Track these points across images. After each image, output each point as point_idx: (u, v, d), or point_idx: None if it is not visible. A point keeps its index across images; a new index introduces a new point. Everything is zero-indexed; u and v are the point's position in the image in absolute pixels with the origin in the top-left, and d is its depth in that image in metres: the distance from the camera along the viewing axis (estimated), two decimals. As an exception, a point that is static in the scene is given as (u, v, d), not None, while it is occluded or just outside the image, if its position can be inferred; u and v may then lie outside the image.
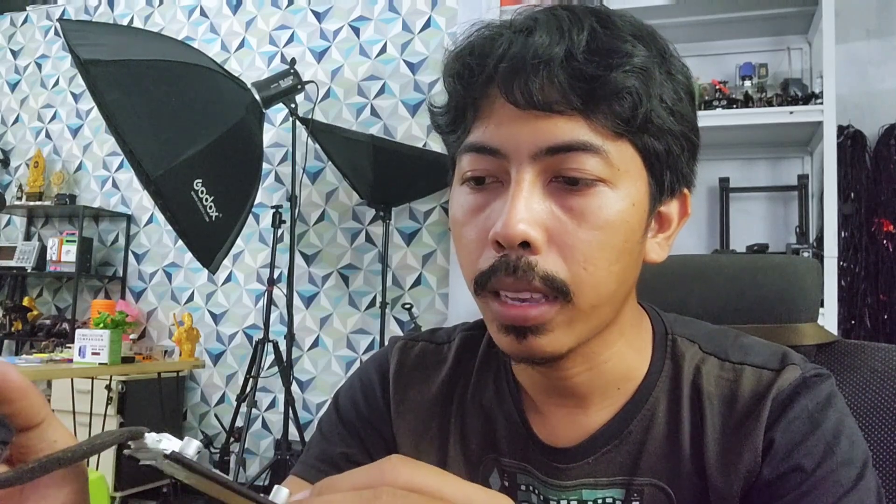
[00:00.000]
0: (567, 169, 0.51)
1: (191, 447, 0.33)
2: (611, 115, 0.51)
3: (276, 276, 3.09)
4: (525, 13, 0.54)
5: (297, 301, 3.34)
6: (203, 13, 3.82)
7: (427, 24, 3.38)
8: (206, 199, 2.48)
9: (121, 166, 3.86)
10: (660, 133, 0.53)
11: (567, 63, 0.50)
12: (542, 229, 0.51)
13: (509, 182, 0.52)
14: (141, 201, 3.83)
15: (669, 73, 0.54)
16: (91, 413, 2.89)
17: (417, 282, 3.26)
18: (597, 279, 0.52)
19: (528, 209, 0.50)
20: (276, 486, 0.33)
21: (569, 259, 0.51)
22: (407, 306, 3.15)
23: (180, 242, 3.40)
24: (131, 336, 3.48)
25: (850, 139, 2.52)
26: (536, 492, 0.60)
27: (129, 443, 0.33)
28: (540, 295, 0.51)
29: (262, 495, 0.32)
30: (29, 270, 3.84)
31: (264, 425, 3.46)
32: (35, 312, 3.82)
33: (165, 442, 0.33)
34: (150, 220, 3.82)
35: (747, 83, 2.48)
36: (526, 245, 0.50)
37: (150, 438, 0.33)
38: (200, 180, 2.45)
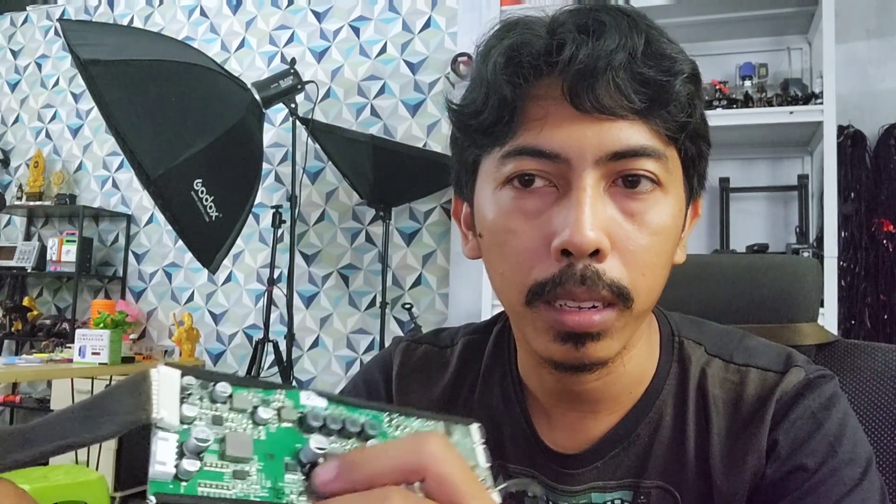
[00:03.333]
0: (632, 172, 0.51)
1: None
2: (669, 121, 0.51)
3: (276, 276, 3.09)
4: (578, 12, 0.53)
5: (297, 301, 3.34)
6: (203, 13, 3.82)
7: (427, 24, 3.38)
8: (206, 199, 2.48)
9: (121, 166, 3.86)
10: (697, 138, 0.54)
11: (630, 67, 0.49)
12: (607, 235, 0.50)
13: (567, 188, 0.51)
14: (141, 201, 3.83)
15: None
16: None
17: (417, 282, 3.26)
18: (652, 284, 0.52)
19: (595, 216, 0.49)
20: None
21: (630, 265, 0.51)
22: (407, 306, 3.15)
23: (180, 242, 3.40)
24: (131, 336, 3.48)
25: (850, 139, 2.52)
26: (544, 497, 0.60)
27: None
28: (595, 302, 0.50)
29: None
30: (29, 270, 3.84)
31: (264, 425, 3.45)
32: (35, 312, 3.82)
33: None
34: (150, 220, 3.82)
35: (747, 83, 2.48)
36: (594, 253, 0.49)
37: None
38: (200, 180, 2.44)
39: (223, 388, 0.32)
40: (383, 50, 3.44)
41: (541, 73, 0.51)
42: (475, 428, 0.39)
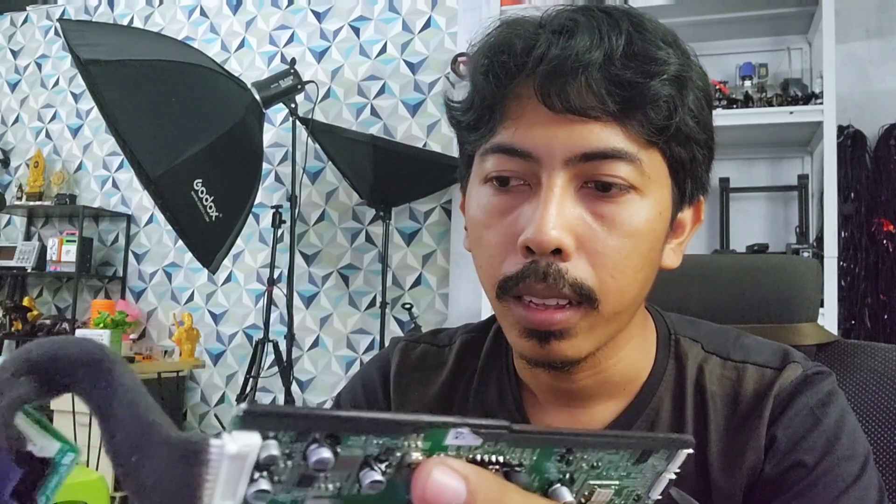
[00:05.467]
0: (602, 175, 0.51)
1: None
2: (645, 123, 0.51)
3: (276, 276, 3.09)
4: (560, 12, 0.53)
5: (297, 301, 3.34)
6: (203, 13, 3.82)
7: (427, 24, 3.38)
8: (206, 199, 2.47)
9: (121, 166, 3.86)
10: (686, 141, 0.53)
11: (605, 68, 0.49)
12: (573, 236, 0.50)
13: (538, 186, 0.52)
14: (141, 201, 3.83)
15: (692, 79, 0.54)
16: (91, 413, 2.89)
17: (417, 282, 3.26)
18: (622, 286, 0.52)
19: (560, 215, 0.50)
20: None
21: (597, 266, 0.51)
22: (407, 306, 3.15)
23: (180, 242, 3.39)
24: (131, 336, 3.48)
25: (850, 139, 2.51)
26: None
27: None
28: (566, 301, 0.51)
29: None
30: (29, 270, 3.84)
31: (264, 425, 3.45)
32: (35, 312, 3.81)
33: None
34: (150, 220, 3.82)
35: (747, 83, 2.47)
36: (557, 251, 0.50)
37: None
38: (200, 180, 2.44)
39: (321, 452, 0.23)
40: (383, 50, 3.44)
41: (515, 74, 0.52)
42: (681, 455, 0.32)
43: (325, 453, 0.23)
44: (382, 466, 0.25)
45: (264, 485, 0.23)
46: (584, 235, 0.51)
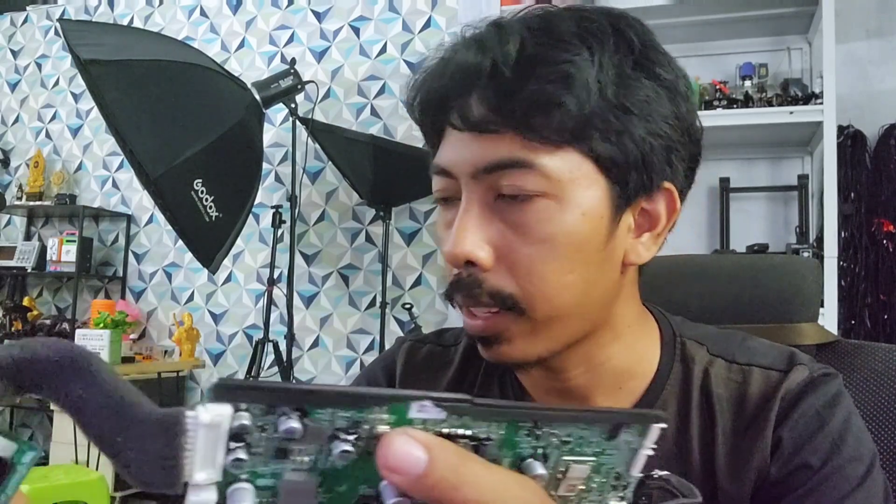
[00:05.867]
0: (503, 186, 0.52)
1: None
2: (545, 128, 0.50)
3: (276, 276, 3.09)
4: (468, 29, 0.56)
5: (297, 301, 3.34)
6: (203, 13, 3.82)
7: (427, 24, 3.38)
8: (206, 199, 2.47)
9: (121, 166, 3.86)
10: (613, 135, 0.51)
11: (496, 80, 0.50)
12: (489, 247, 0.52)
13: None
14: (141, 201, 3.83)
15: (640, 69, 0.52)
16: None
17: (417, 282, 3.26)
18: (548, 292, 0.52)
19: (473, 229, 0.52)
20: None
21: (515, 274, 0.52)
22: (407, 306, 3.15)
23: (180, 242, 3.39)
24: (131, 336, 3.48)
25: (850, 139, 2.52)
26: None
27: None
28: (490, 309, 0.53)
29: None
30: (29, 270, 3.84)
31: (264, 425, 3.45)
32: (35, 312, 3.81)
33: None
34: (150, 220, 3.82)
35: (747, 83, 2.47)
36: (474, 263, 0.52)
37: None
38: (200, 180, 2.44)
39: (289, 422, 0.25)
40: (383, 50, 3.44)
41: (429, 100, 0.56)
42: (654, 429, 0.33)
43: (294, 423, 0.25)
44: (352, 438, 0.26)
45: (241, 454, 0.25)
46: (500, 246, 0.53)
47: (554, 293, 0.53)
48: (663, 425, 0.33)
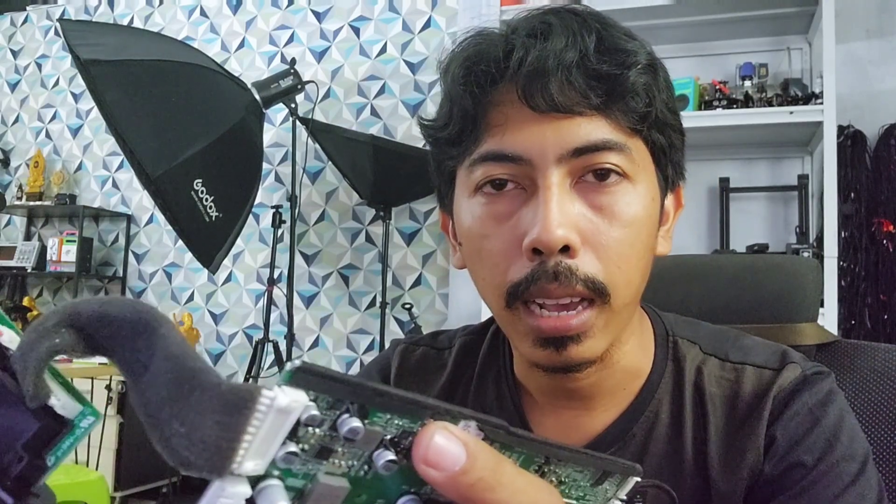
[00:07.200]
0: (597, 164, 0.51)
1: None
2: (628, 113, 0.52)
3: (276, 276, 3.09)
4: (529, 17, 0.54)
5: (297, 301, 3.34)
6: (203, 13, 3.82)
7: (427, 24, 3.38)
8: (206, 199, 2.47)
9: (121, 166, 3.86)
10: (664, 128, 0.55)
11: (583, 64, 0.50)
12: (577, 232, 0.50)
13: (533, 188, 0.52)
14: (141, 201, 3.83)
15: (662, 68, 0.56)
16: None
17: (417, 282, 3.26)
18: (629, 277, 0.52)
19: (562, 212, 0.50)
20: None
21: (604, 259, 0.51)
22: (407, 306, 3.15)
23: (180, 242, 3.39)
24: (131, 336, 3.48)
25: (850, 139, 2.52)
26: None
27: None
28: (579, 299, 0.51)
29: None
30: (29, 270, 3.84)
31: (264, 425, 3.45)
32: (35, 312, 3.81)
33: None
34: (150, 220, 3.82)
35: (747, 83, 2.47)
36: (565, 249, 0.50)
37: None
38: (200, 180, 2.44)
39: (353, 421, 0.24)
40: (383, 50, 3.44)
41: (496, 80, 0.52)
42: (629, 481, 0.34)
43: (357, 423, 0.24)
44: (394, 449, 0.26)
45: (293, 447, 0.23)
46: (587, 230, 0.51)
47: (633, 278, 0.53)
48: (638, 479, 0.34)
